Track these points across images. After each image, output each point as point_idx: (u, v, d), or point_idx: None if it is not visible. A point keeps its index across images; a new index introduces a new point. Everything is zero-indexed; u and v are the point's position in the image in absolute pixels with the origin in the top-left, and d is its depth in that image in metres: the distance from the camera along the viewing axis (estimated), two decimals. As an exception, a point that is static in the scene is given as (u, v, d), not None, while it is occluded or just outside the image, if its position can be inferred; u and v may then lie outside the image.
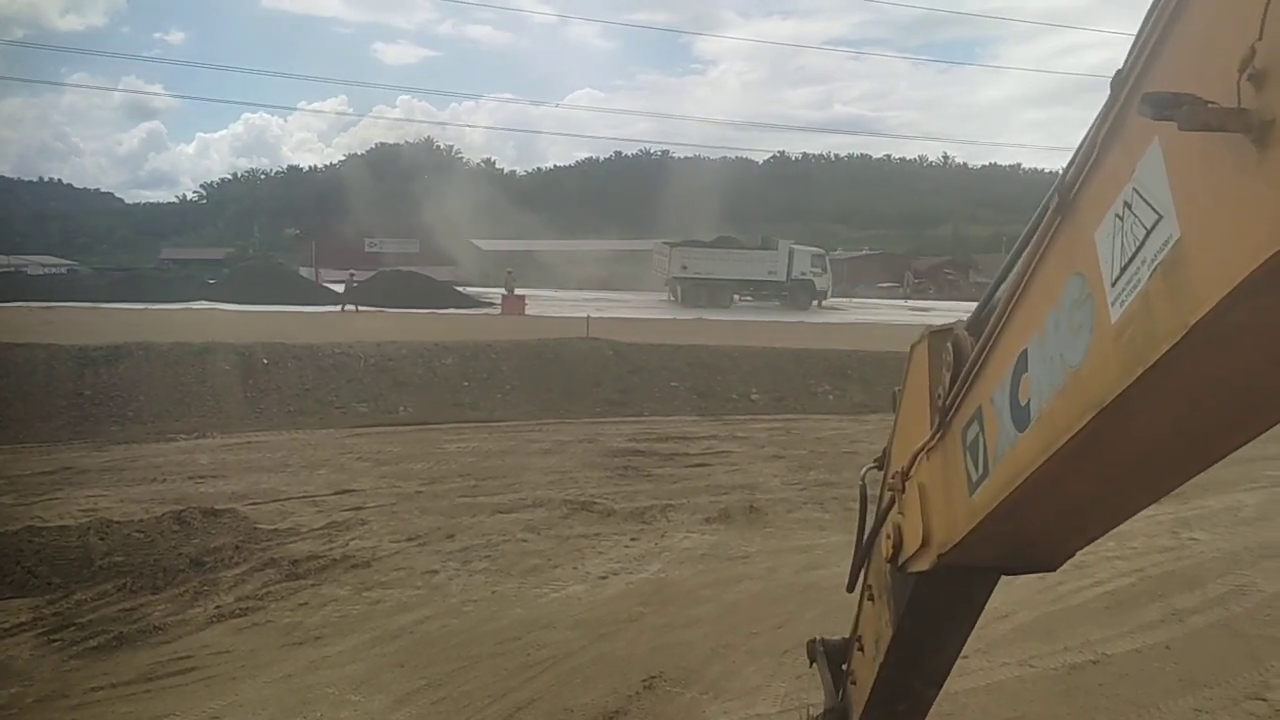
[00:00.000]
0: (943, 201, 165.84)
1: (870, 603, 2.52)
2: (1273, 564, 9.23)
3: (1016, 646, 6.99)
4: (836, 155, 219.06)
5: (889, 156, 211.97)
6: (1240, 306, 1.00)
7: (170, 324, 25.17)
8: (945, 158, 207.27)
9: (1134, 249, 1.17)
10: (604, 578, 8.42)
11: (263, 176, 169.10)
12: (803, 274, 58.04)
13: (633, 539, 9.59)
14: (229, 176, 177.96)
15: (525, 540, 9.47)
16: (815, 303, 58.10)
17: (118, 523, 9.30)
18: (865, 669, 2.59)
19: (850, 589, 2.58)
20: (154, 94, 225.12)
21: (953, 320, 1.99)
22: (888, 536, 2.19)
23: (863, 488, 2.52)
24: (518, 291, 48.98)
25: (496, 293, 52.82)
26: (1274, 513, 11.35)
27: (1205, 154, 1.03)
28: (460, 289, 54.95)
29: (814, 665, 3.08)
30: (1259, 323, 1.02)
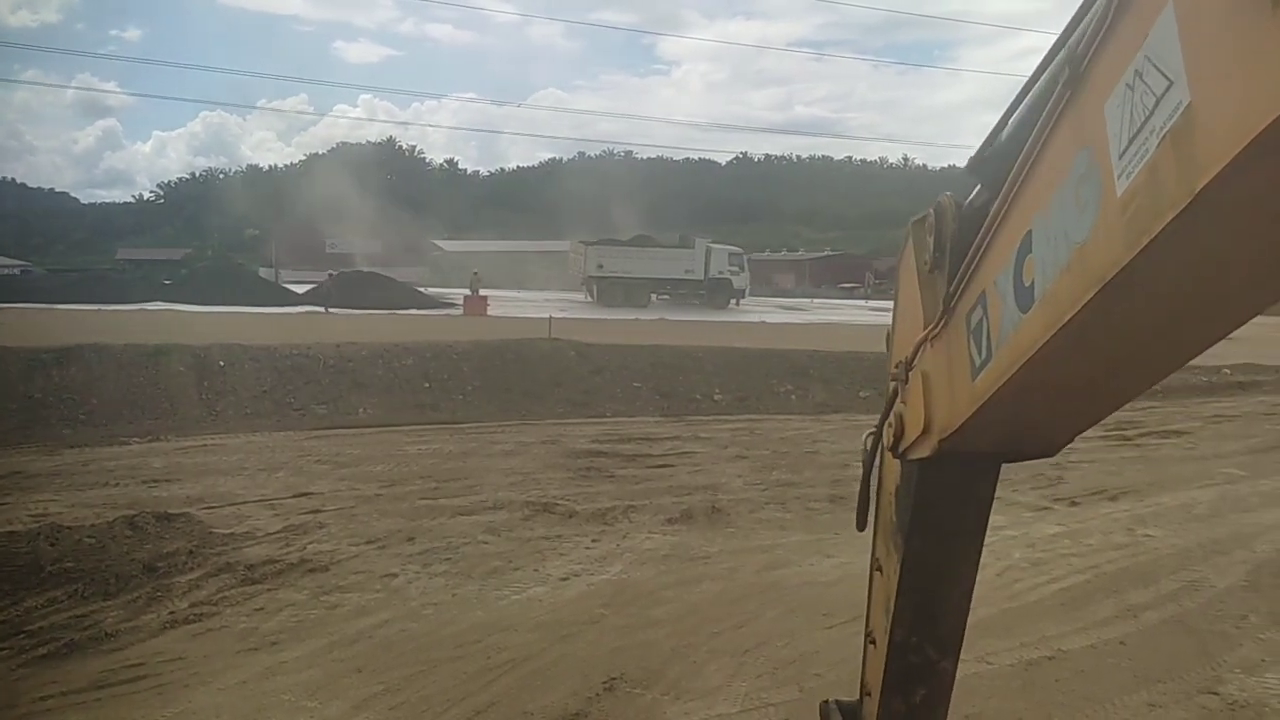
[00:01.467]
0: (903, 202, 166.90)
1: (879, 573, 2.49)
2: (1224, 560, 9.39)
3: (974, 643, 7.04)
4: (799, 156, 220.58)
5: (850, 158, 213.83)
6: (1248, 170, 0.99)
7: (125, 325, 24.76)
8: (905, 159, 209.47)
9: (1143, 118, 1.15)
10: (565, 579, 8.38)
11: (221, 176, 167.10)
12: (720, 273, 58.18)
13: (594, 540, 9.56)
14: (187, 176, 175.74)
15: (486, 542, 9.41)
16: (733, 302, 58.29)
17: (69, 528, 9.12)
18: (876, 661, 2.54)
19: (860, 527, 2.54)
20: (109, 91, 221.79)
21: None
22: (889, 426, 2.19)
23: (864, 451, 2.50)
24: (481, 292, 48.80)
25: (459, 294, 52.60)
26: (1226, 509, 11.54)
27: (1218, 15, 1.02)
28: (422, 290, 54.62)
29: None
30: (1266, 188, 1.01)
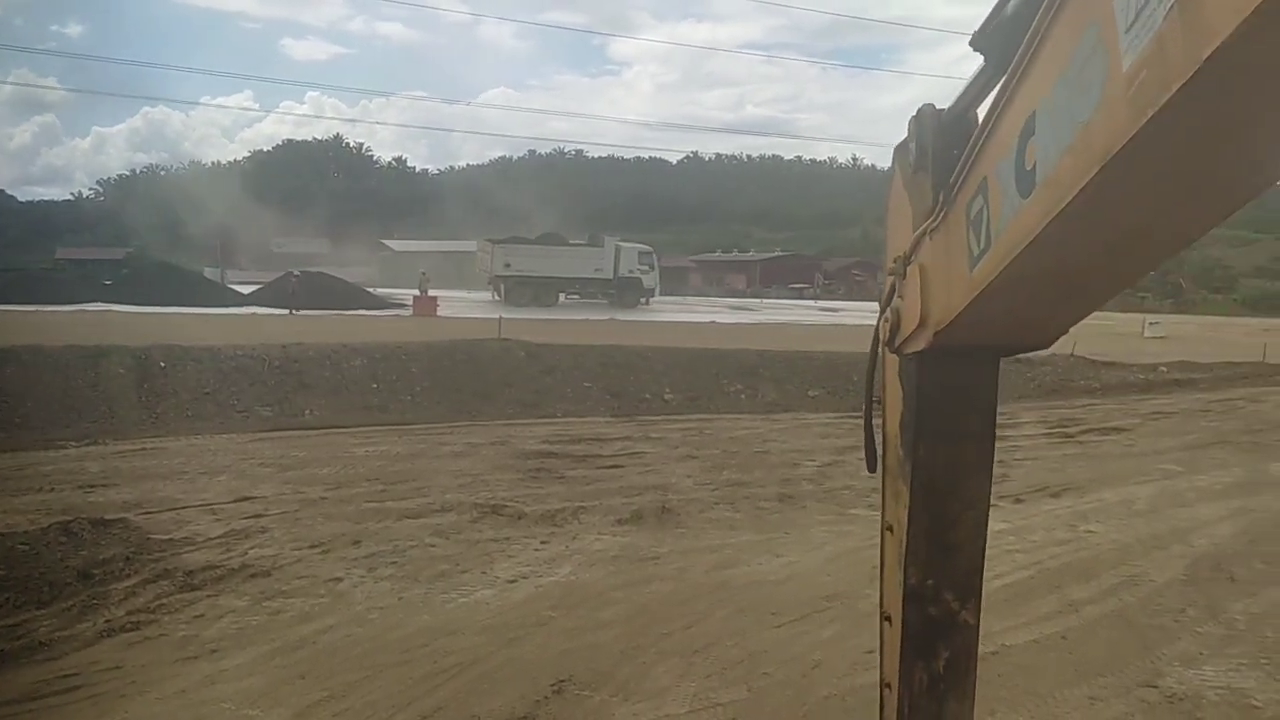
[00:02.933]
0: (852, 203, 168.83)
1: (890, 533, 2.44)
2: (1163, 554, 9.59)
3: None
4: (749, 156, 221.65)
5: (800, 158, 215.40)
6: (1254, 37, 0.98)
7: (62, 326, 24.18)
8: (854, 160, 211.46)
9: None
10: (513, 581, 8.32)
11: (163, 173, 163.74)
12: (630, 272, 58.02)
13: (543, 542, 9.51)
14: (127, 173, 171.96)
15: (433, 545, 9.30)
16: (643, 300, 58.16)
17: (1, 535, 8.85)
18: (894, 640, 2.46)
19: (871, 469, 2.50)
20: (47, 87, 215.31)
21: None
22: (885, 320, 2.20)
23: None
24: (430, 292, 48.40)
25: (408, 294, 52.11)
26: (1165, 505, 11.80)
27: None
28: (370, 290, 54.05)
29: None
30: (1272, 55, 1.01)
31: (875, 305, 2.30)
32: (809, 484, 12.59)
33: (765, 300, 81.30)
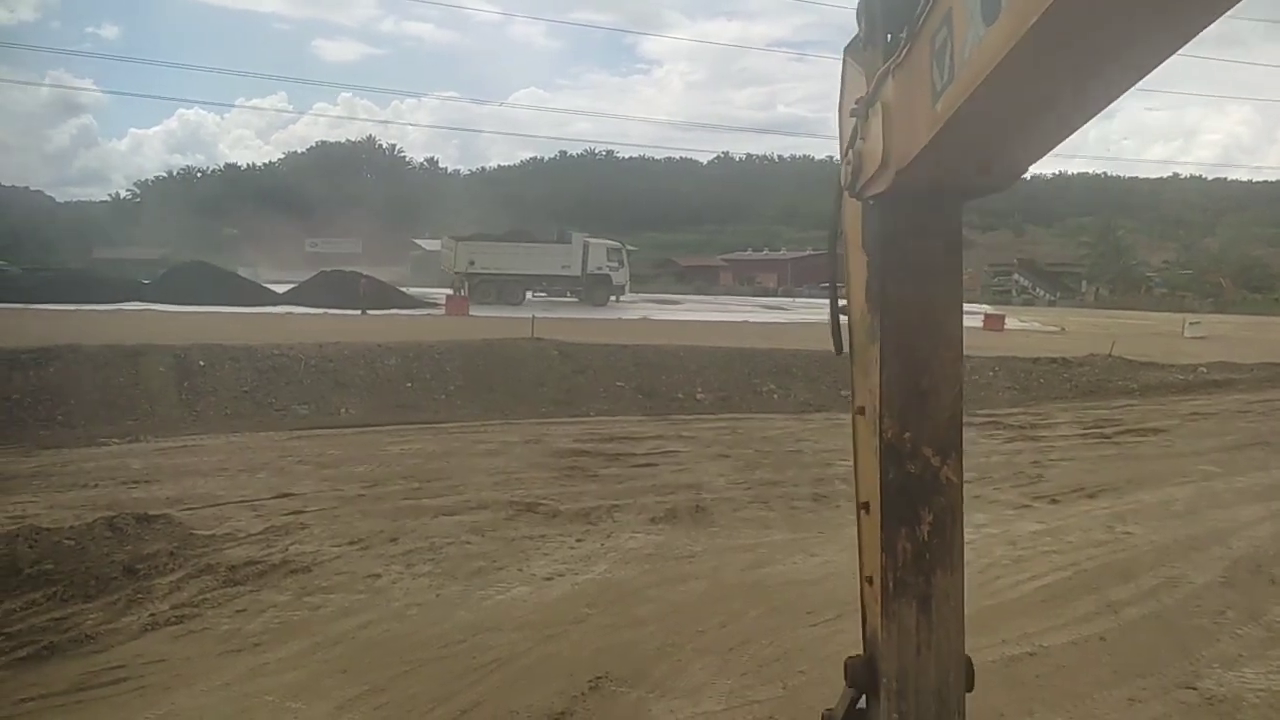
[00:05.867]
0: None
1: (860, 416, 2.42)
2: (1202, 556, 9.49)
3: (957, 641, 7.08)
4: (780, 156, 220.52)
5: (830, 158, 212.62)
6: None
7: (102, 325, 24.56)
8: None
9: None
10: (549, 579, 8.38)
11: (199, 175, 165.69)
12: (599, 268, 57.21)
13: (578, 540, 9.56)
14: (164, 174, 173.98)
15: (470, 543, 9.39)
16: (613, 298, 57.22)
17: (47, 530, 9.01)
18: (874, 601, 2.38)
19: (838, 350, 2.50)
20: (84, 89, 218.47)
21: None
22: (847, 163, 2.19)
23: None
24: (463, 292, 48.67)
25: (440, 293, 52.43)
26: (1204, 506, 11.66)
27: None
28: (403, 289, 54.41)
29: None
30: None
31: None
32: (842, 483, 12.55)
33: (797, 299, 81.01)
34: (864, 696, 2.58)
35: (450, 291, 50.84)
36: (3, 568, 7.99)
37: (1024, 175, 1.96)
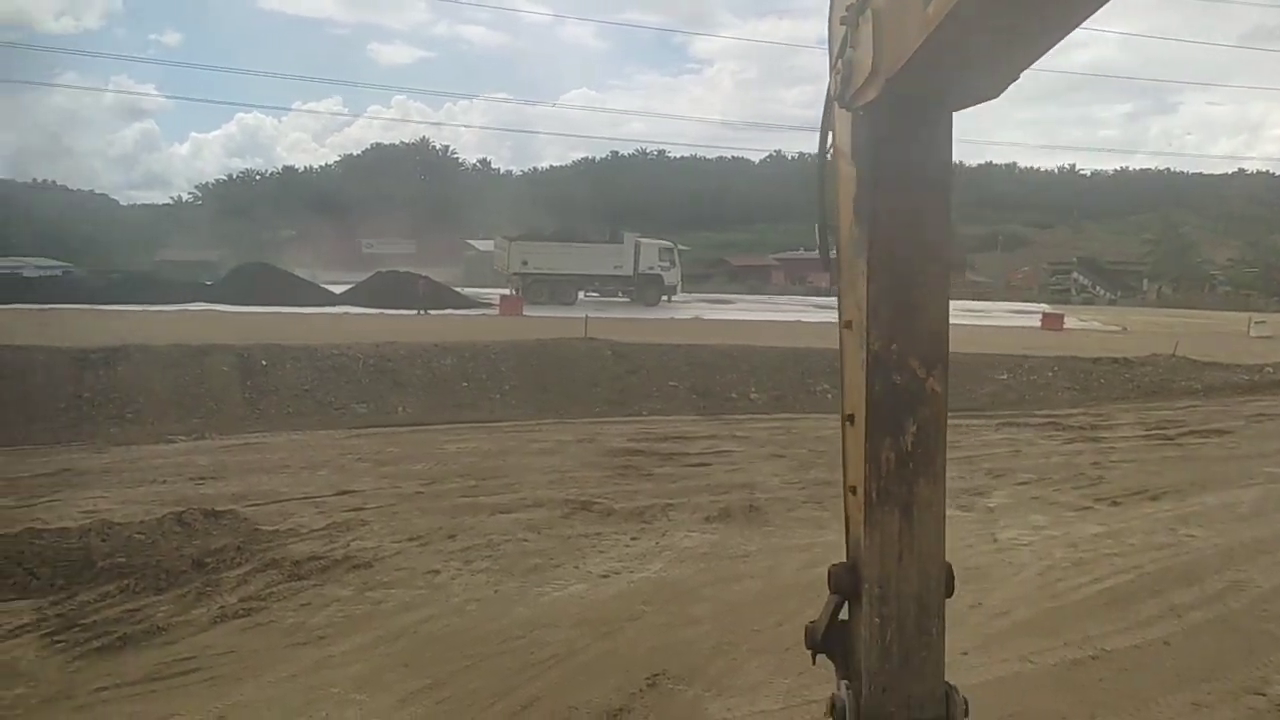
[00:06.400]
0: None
1: (848, 330, 2.38)
2: (1269, 559, 9.29)
3: (1016, 642, 7.03)
4: (833, 154, 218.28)
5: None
6: None
7: (169, 325, 25.17)
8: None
9: None
10: (605, 576, 8.45)
11: (257, 177, 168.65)
12: (651, 268, 56.94)
13: (633, 538, 9.62)
14: (223, 177, 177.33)
15: (526, 540, 9.49)
16: (664, 298, 56.94)
17: (119, 524, 9.31)
18: (857, 511, 2.34)
19: (826, 266, 2.49)
20: (146, 94, 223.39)
21: None
22: (836, 73, 2.18)
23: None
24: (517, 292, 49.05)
25: (493, 293, 52.89)
26: (1270, 509, 11.40)
27: None
28: (457, 290, 54.97)
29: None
30: None
31: (963, 304, 2.28)
32: (898, 484, 12.47)
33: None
34: (847, 604, 2.61)
35: (507, 291, 51.24)
36: (77, 561, 8.27)
37: (1016, 80, 1.91)
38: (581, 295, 56.47)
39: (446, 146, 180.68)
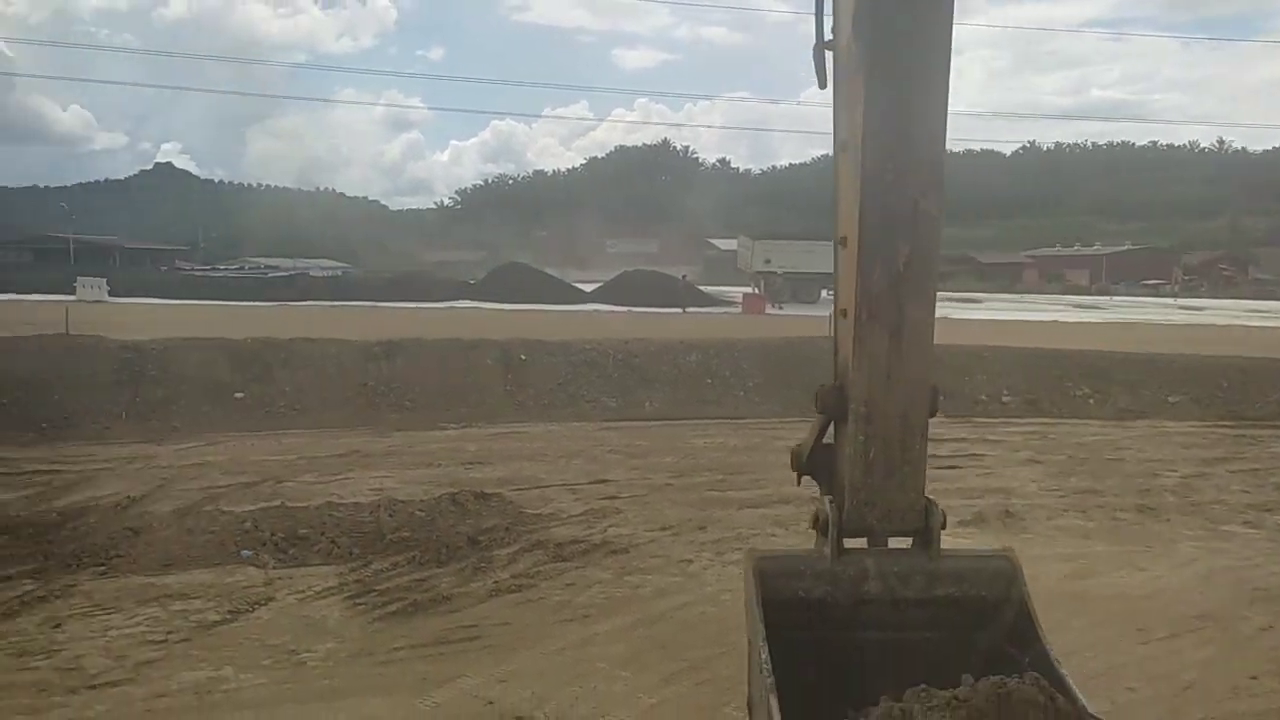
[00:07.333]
0: (1216, 190, 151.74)
1: (844, 153, 2.34)
2: None
3: None
4: (1094, 144, 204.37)
5: (1154, 143, 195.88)
6: None
7: (439, 322, 27.10)
8: (1220, 143, 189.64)
9: None
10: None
11: (510, 181, 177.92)
12: None
13: (884, 539, 9.52)
14: (480, 182, 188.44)
15: (774, 535, 9.62)
16: None
17: (402, 501, 10.22)
18: (847, 332, 2.35)
19: (822, 85, 2.47)
20: (413, 107, 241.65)
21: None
22: None
23: None
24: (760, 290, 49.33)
25: (734, 291, 53.33)
26: None
27: None
28: (701, 288, 55.86)
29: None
30: None
31: (1247, 304, 2.22)
32: (1171, 495, 11.66)
33: (1114, 298, 75.10)
34: (832, 425, 2.62)
35: (749, 290, 51.65)
36: (369, 533, 9.18)
37: None
38: (824, 294, 56.08)
39: (687, 147, 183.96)
